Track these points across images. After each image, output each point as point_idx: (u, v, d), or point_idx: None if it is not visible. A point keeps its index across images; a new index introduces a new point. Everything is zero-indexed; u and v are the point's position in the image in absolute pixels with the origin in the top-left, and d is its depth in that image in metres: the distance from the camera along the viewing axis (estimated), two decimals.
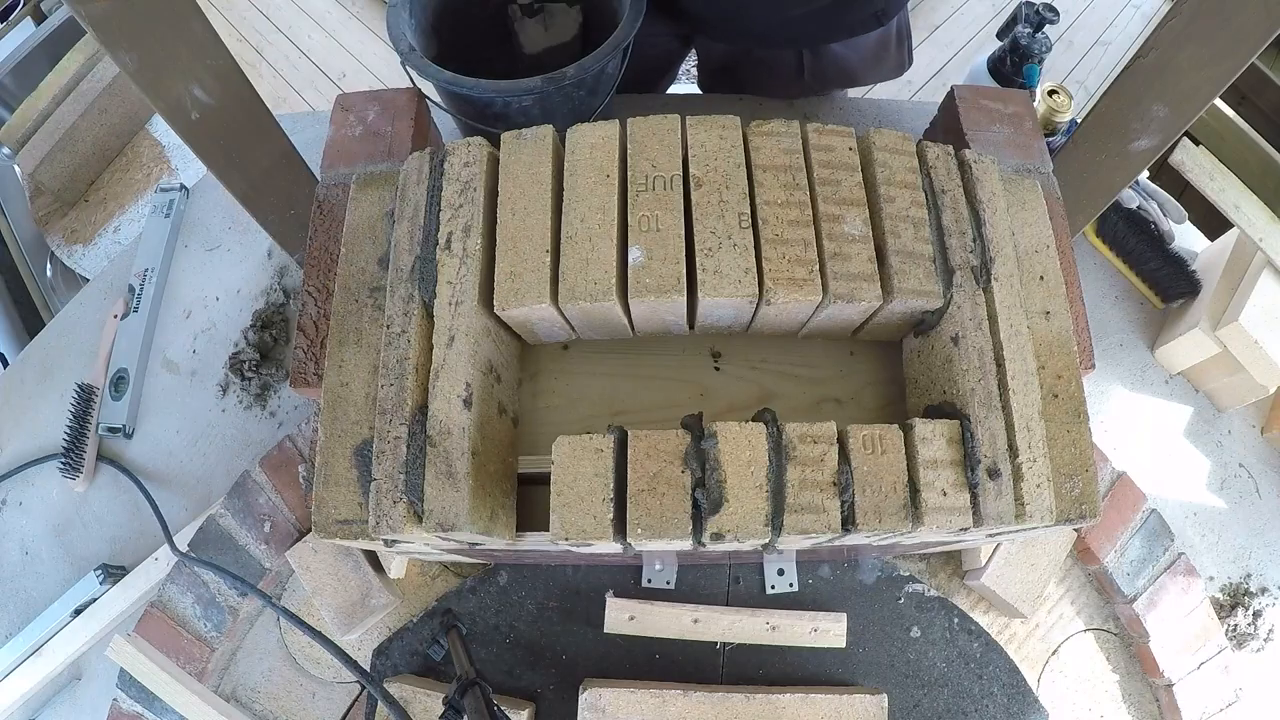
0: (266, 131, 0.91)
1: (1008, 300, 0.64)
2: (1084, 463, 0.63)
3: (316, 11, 2.67)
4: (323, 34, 2.62)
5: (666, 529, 0.56)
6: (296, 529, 0.95)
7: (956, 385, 0.62)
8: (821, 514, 0.57)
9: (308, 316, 0.80)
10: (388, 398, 0.62)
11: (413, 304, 0.64)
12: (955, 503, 0.58)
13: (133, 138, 1.81)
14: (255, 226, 1.03)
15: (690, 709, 0.81)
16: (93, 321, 1.16)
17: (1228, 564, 1.05)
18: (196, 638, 0.93)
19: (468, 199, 0.66)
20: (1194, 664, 0.93)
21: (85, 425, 1.07)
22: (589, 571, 0.95)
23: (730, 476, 0.57)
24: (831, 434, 0.59)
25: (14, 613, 1.02)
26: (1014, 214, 0.70)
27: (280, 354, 1.11)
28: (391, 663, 0.93)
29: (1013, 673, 0.92)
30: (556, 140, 0.69)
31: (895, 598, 0.95)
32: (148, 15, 0.72)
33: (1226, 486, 1.09)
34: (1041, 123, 1.08)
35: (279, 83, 2.51)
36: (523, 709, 0.86)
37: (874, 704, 0.82)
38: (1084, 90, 2.47)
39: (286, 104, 2.44)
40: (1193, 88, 0.77)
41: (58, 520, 1.06)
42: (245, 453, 1.06)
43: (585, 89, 0.97)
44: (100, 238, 1.70)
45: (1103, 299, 1.18)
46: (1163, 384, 1.14)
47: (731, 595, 0.94)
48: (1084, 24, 2.72)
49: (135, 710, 0.90)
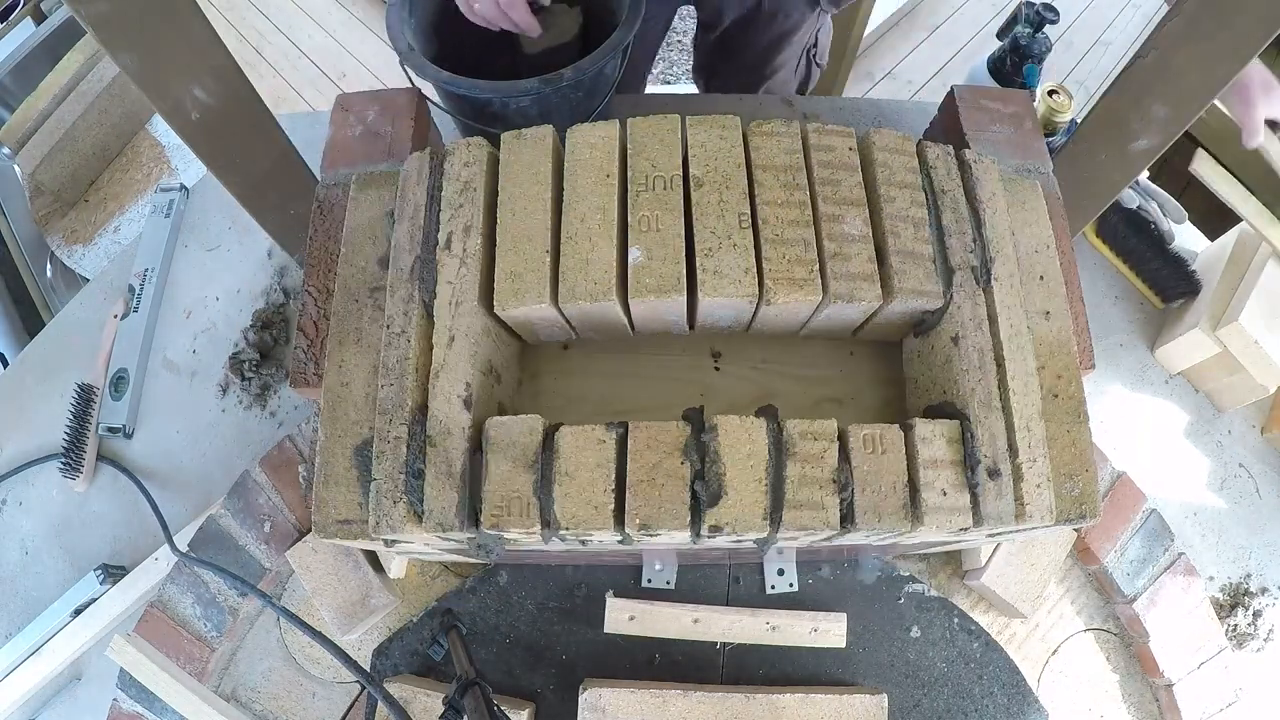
0: (266, 131, 0.91)
1: (1008, 300, 0.64)
2: (1084, 463, 0.63)
3: (316, 11, 2.67)
4: (323, 34, 2.62)
5: (665, 519, 0.56)
6: (296, 529, 0.95)
7: (956, 385, 0.62)
8: (820, 511, 0.57)
9: (308, 316, 0.80)
10: (388, 398, 0.62)
11: (413, 304, 0.64)
12: (955, 503, 0.58)
13: (133, 138, 1.81)
14: (255, 226, 1.03)
15: (690, 709, 0.81)
16: (93, 321, 1.16)
17: (1228, 564, 1.05)
18: (196, 638, 0.93)
19: (468, 199, 0.66)
20: (1194, 664, 0.93)
21: (85, 425, 1.07)
22: (589, 571, 0.95)
23: (730, 469, 0.57)
24: (832, 431, 0.59)
25: (14, 613, 1.02)
26: (1014, 214, 0.70)
27: (280, 354, 1.11)
28: (391, 663, 0.93)
29: (1013, 673, 0.92)
30: (556, 140, 0.69)
31: (895, 598, 0.94)
32: (148, 15, 0.72)
33: (1226, 486, 1.09)
34: (1041, 123, 1.08)
35: (279, 83, 2.51)
36: (523, 709, 0.86)
37: (874, 704, 0.82)
38: (1084, 90, 2.47)
39: (286, 104, 2.44)
40: (1193, 88, 0.77)
41: (58, 520, 1.06)
42: (245, 453, 1.06)
43: (583, 90, 0.97)
44: (100, 238, 1.70)
45: (1103, 299, 1.18)
46: (1163, 384, 1.14)
47: (731, 595, 0.94)
48: (1084, 24, 2.72)
49: (135, 710, 0.90)
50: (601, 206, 0.64)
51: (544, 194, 0.65)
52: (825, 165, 0.67)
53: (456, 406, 0.60)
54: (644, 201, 0.65)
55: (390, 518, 0.59)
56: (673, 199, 0.65)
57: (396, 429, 0.61)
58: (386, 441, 0.61)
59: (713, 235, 0.63)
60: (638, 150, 0.67)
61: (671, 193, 0.65)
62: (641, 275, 0.62)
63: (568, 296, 0.62)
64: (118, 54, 0.72)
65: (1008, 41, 1.18)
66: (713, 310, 0.66)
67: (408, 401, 0.61)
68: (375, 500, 0.60)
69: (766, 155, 0.67)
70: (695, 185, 0.65)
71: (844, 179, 0.66)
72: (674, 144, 0.67)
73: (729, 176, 0.65)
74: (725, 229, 0.64)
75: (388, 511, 0.59)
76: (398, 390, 0.61)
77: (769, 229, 0.64)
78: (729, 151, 0.67)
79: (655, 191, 0.65)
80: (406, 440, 0.60)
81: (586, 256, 0.63)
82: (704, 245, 0.63)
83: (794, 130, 0.68)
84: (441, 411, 0.60)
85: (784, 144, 0.68)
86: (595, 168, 0.66)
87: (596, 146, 0.67)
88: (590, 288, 0.62)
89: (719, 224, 0.64)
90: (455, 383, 0.61)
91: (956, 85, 0.90)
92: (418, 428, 0.61)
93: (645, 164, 0.66)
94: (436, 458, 0.59)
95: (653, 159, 0.66)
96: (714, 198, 0.65)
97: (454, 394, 0.61)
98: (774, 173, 0.66)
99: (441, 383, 0.61)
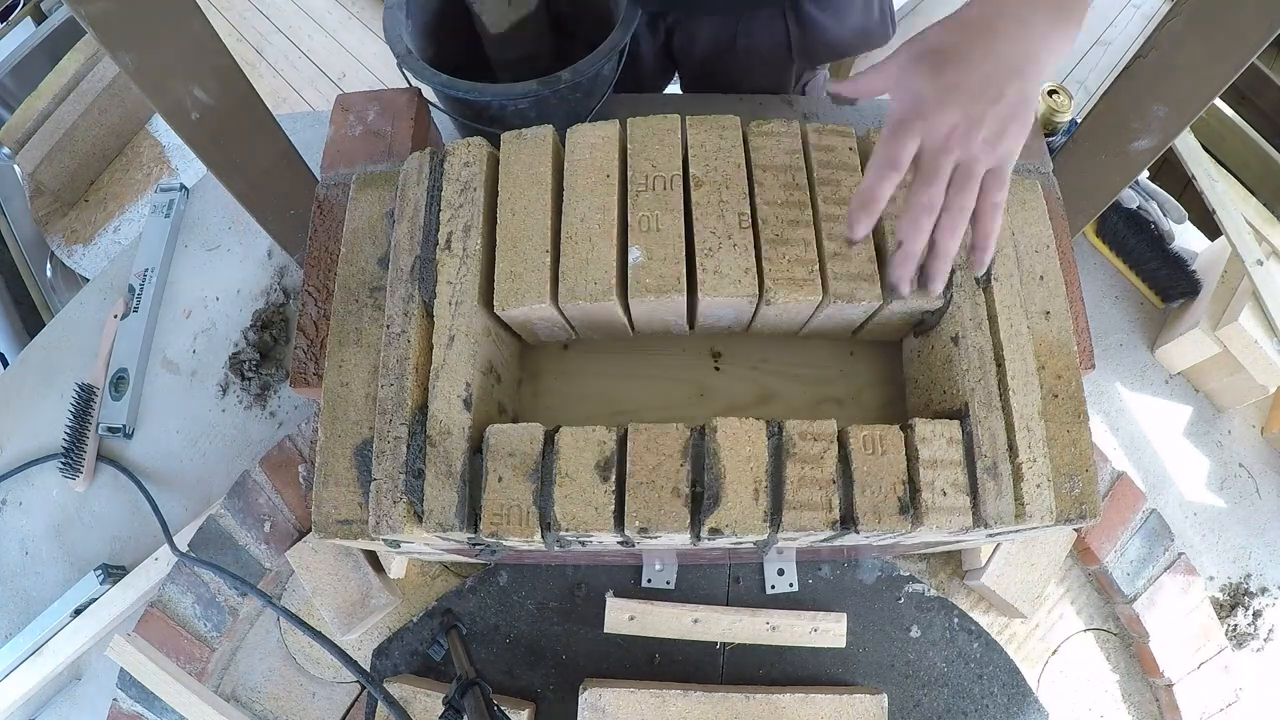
0: (266, 131, 0.91)
1: (1008, 300, 0.64)
2: (1084, 463, 0.63)
3: (316, 11, 2.67)
4: (323, 34, 2.62)
5: (664, 522, 0.56)
6: (296, 529, 0.95)
7: (956, 385, 0.62)
8: (820, 512, 0.57)
9: (308, 316, 0.80)
10: (388, 398, 0.62)
11: (413, 304, 0.64)
12: (955, 503, 0.58)
13: (133, 138, 1.82)
14: (255, 226, 1.03)
15: (690, 709, 0.81)
16: (93, 321, 1.16)
17: (1228, 564, 1.05)
18: (196, 638, 0.93)
19: (468, 199, 0.66)
20: (1194, 664, 0.93)
21: (85, 425, 1.07)
22: (589, 571, 0.95)
23: (729, 472, 0.57)
24: (831, 432, 0.59)
25: (14, 613, 1.02)
26: (1014, 214, 0.70)
27: (280, 354, 1.11)
28: (391, 663, 0.93)
29: (1013, 673, 0.92)
30: (556, 140, 0.69)
31: (895, 598, 0.94)
32: (148, 15, 0.72)
33: (1226, 486, 1.09)
34: (1041, 123, 1.08)
35: (279, 83, 2.51)
36: (523, 709, 0.86)
37: (874, 704, 0.82)
38: (1084, 90, 2.47)
39: (286, 104, 2.44)
40: (1193, 88, 0.77)
41: (58, 520, 1.06)
42: (245, 453, 1.06)
43: (581, 91, 0.97)
44: (100, 238, 1.70)
45: (1103, 299, 1.18)
46: (1163, 384, 1.14)
47: (731, 595, 0.94)
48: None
49: (135, 710, 0.90)
50: (601, 206, 0.64)
51: (544, 194, 0.65)
52: (825, 165, 0.67)
53: (456, 406, 0.60)
54: (644, 201, 0.65)
55: (390, 518, 0.59)
56: (673, 199, 0.65)
57: (396, 429, 0.61)
58: (386, 441, 0.61)
59: (713, 235, 0.63)
60: (638, 150, 0.67)
61: (671, 193, 0.65)
62: (641, 275, 0.62)
63: (568, 296, 0.62)
64: (118, 54, 0.72)
65: None
66: (713, 310, 0.66)
67: (408, 401, 0.61)
68: (375, 500, 0.60)
69: (766, 155, 0.67)
70: (695, 185, 0.65)
71: (844, 179, 0.66)
72: (674, 144, 0.67)
73: (729, 176, 0.65)
74: (725, 229, 0.64)
75: (388, 511, 0.59)
76: (398, 390, 0.61)
77: (769, 229, 0.64)
78: (729, 151, 0.67)
79: (655, 191, 0.65)
80: (406, 440, 0.60)
81: (586, 256, 0.63)
82: (704, 245, 0.63)
83: (794, 130, 0.68)
84: (441, 411, 0.60)
85: (784, 144, 0.68)
86: (595, 168, 0.66)
87: (596, 146, 0.67)
88: (590, 288, 0.62)
89: (719, 224, 0.64)
90: (455, 383, 0.61)
91: None
92: (418, 428, 0.61)
93: (645, 164, 0.66)
94: (436, 458, 0.59)
95: (653, 159, 0.66)
96: (714, 198, 0.65)
97: (454, 394, 0.61)
98: (774, 173, 0.66)
99: (441, 383, 0.61)
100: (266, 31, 2.63)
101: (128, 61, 0.73)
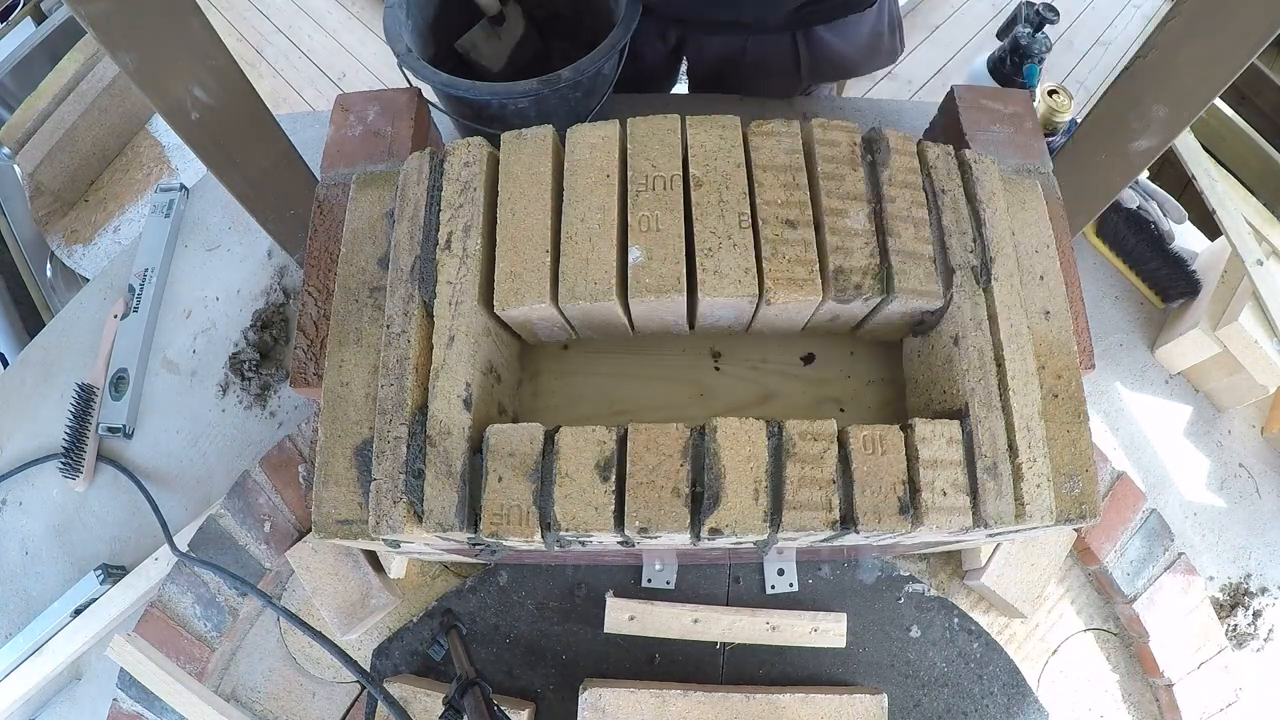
0: (266, 131, 0.91)
1: (1008, 300, 0.64)
2: (1084, 463, 0.63)
3: (316, 11, 2.67)
4: (323, 34, 2.63)
5: (664, 522, 0.56)
6: (296, 529, 0.95)
7: (956, 385, 0.62)
8: (820, 512, 0.57)
9: (308, 316, 0.80)
10: (388, 398, 0.62)
11: (413, 304, 0.64)
12: (955, 503, 0.58)
13: (133, 138, 1.81)
14: (255, 226, 1.03)
15: (690, 709, 0.81)
16: (93, 321, 1.16)
17: (1228, 564, 1.05)
18: (196, 638, 0.93)
19: (468, 199, 0.66)
20: (1194, 664, 0.93)
21: (85, 425, 1.07)
22: (589, 571, 0.95)
23: (729, 472, 0.57)
24: (831, 432, 0.59)
25: (14, 613, 1.02)
26: (1014, 214, 0.70)
27: (280, 354, 1.11)
28: (391, 663, 0.93)
29: (1013, 673, 0.92)
30: (556, 140, 0.69)
31: (895, 598, 0.94)
32: (148, 15, 0.72)
33: (1226, 486, 1.09)
34: (1041, 123, 1.08)
35: (279, 83, 2.51)
36: (523, 709, 0.86)
37: (874, 704, 0.82)
38: (1084, 90, 2.47)
39: (286, 104, 2.44)
40: (1193, 88, 0.77)
41: (58, 520, 1.06)
42: (245, 453, 1.06)
43: (581, 90, 0.97)
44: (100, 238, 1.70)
45: (1103, 299, 1.18)
46: (1163, 384, 1.14)
47: (731, 595, 0.94)
48: (1084, 24, 2.72)
49: (135, 710, 0.90)
50: (601, 206, 0.64)
51: (544, 194, 0.65)
52: (830, 160, 0.67)
53: (456, 406, 0.60)
54: (644, 201, 0.65)
55: (390, 518, 0.59)
56: (673, 199, 0.65)
57: (396, 429, 0.61)
58: (386, 441, 0.61)
59: (713, 235, 0.63)
60: (638, 150, 0.67)
61: (671, 193, 0.65)
62: (641, 275, 0.62)
63: (568, 296, 0.62)
64: (118, 54, 0.72)
65: (1008, 41, 1.18)
66: (713, 310, 0.66)
67: (408, 401, 0.61)
68: (375, 500, 0.60)
69: (766, 155, 0.67)
70: (695, 185, 0.65)
71: (847, 174, 0.66)
72: (674, 144, 0.67)
73: (729, 176, 0.65)
74: (725, 229, 0.64)
75: (388, 511, 0.59)
76: (398, 390, 0.61)
77: (769, 229, 0.64)
78: (729, 151, 0.67)
79: (655, 191, 0.65)
80: (406, 440, 0.60)
81: (586, 256, 0.63)
82: (704, 245, 0.63)
83: (794, 130, 0.68)
84: (441, 411, 0.60)
85: (784, 144, 0.68)
86: (595, 168, 0.66)
87: (596, 146, 0.67)
88: (590, 288, 0.62)
89: (719, 224, 0.64)
90: (455, 383, 0.61)
91: (956, 85, 0.90)
92: (418, 428, 0.61)
93: (645, 164, 0.66)
94: (436, 458, 0.59)
95: (653, 159, 0.66)
96: (714, 198, 0.65)
97: (454, 394, 0.61)
98: (774, 173, 0.66)
99: (441, 383, 0.61)
100: (266, 31, 2.63)
101: (128, 61, 0.73)
